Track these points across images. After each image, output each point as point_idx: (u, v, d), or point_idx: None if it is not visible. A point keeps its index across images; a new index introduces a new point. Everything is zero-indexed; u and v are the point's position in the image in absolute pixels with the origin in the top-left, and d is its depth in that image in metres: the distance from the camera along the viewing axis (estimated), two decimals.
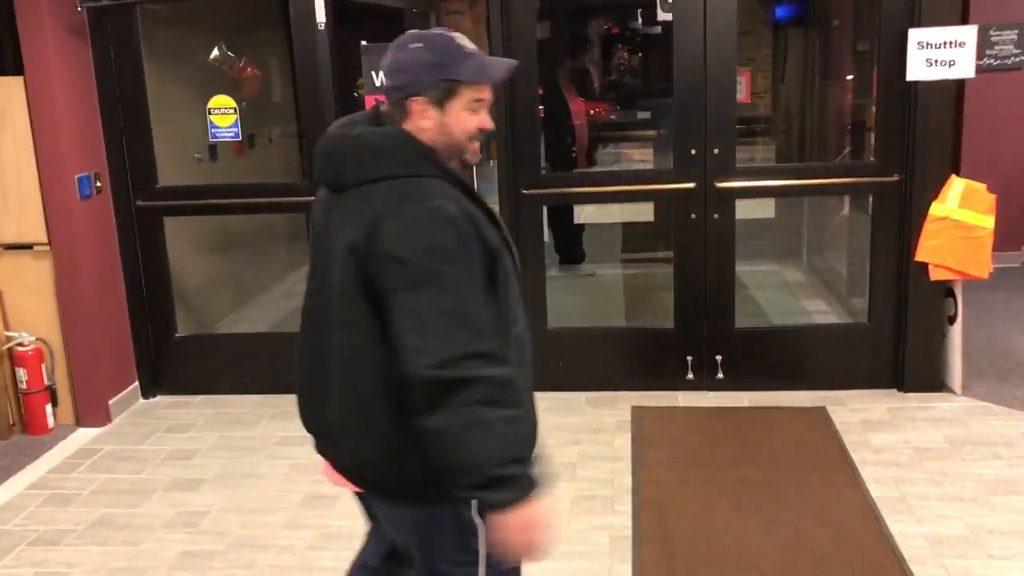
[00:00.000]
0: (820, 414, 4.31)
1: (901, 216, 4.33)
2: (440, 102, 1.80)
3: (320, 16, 4.38)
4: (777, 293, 6.37)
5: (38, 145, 4.27)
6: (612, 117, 10.49)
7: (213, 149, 5.78)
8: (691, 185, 4.38)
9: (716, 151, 4.36)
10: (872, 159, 4.38)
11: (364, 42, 4.41)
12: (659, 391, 4.60)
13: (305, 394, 1.98)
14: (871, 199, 4.43)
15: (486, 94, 1.85)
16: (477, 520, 1.83)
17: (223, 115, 4.62)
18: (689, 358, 4.60)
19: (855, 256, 5.59)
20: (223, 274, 5.89)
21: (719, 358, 4.59)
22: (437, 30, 1.89)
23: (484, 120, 1.86)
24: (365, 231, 1.69)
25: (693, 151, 4.38)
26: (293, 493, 3.75)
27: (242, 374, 4.85)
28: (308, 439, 2.06)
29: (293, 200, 4.62)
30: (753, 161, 9.56)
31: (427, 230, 1.68)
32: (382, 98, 1.97)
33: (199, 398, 4.86)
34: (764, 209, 7.86)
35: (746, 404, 4.47)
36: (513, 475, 1.66)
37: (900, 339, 4.45)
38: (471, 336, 1.66)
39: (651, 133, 9.88)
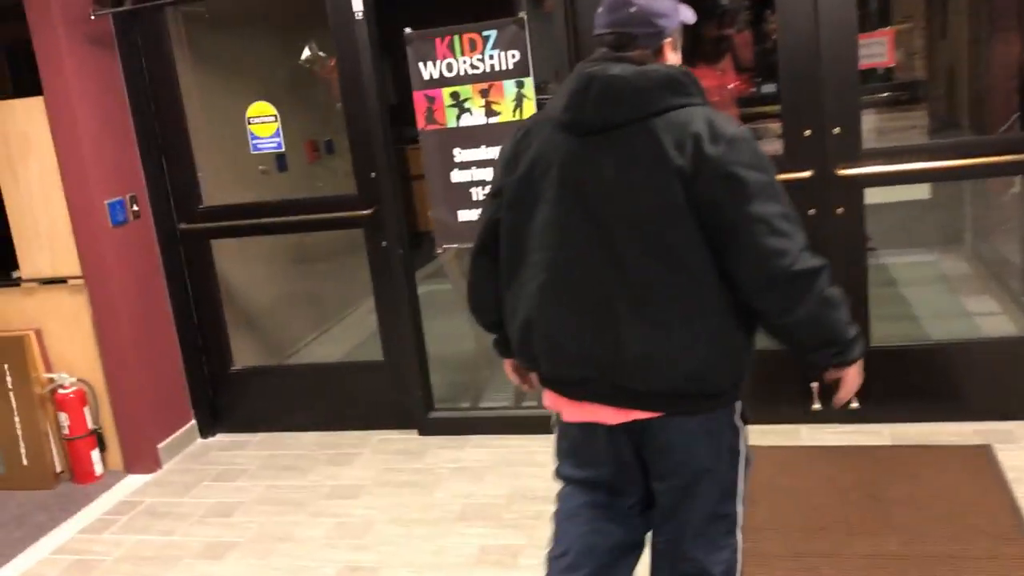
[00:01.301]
0: (984, 455, 3.40)
1: None
2: (677, 43, 2.02)
3: (357, 4, 3.81)
4: (934, 290, 5.36)
5: (63, 170, 3.91)
6: (753, 91, 9.52)
7: (282, 159, 5.34)
8: (806, 174, 3.55)
9: (836, 131, 3.51)
10: None
11: (408, 29, 3.81)
12: (777, 424, 3.79)
13: (571, 335, 1.93)
14: None
15: None
16: (739, 423, 2.07)
17: (263, 124, 4.14)
18: (814, 384, 3.77)
19: None
20: (300, 296, 5.45)
21: None
22: None
23: None
24: (691, 155, 1.80)
25: (807, 132, 3.55)
26: (327, 565, 3.20)
27: (302, 410, 4.38)
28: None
29: (349, 215, 4.08)
30: (908, 133, 8.47)
31: (751, 148, 1.84)
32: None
33: (258, 437, 4.42)
34: (917, 189, 6.81)
35: (887, 441, 3.61)
36: (858, 333, 1.95)
37: None
38: (801, 231, 1.85)
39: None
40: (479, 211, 3.86)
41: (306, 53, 5.77)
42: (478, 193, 3.89)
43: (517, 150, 2.02)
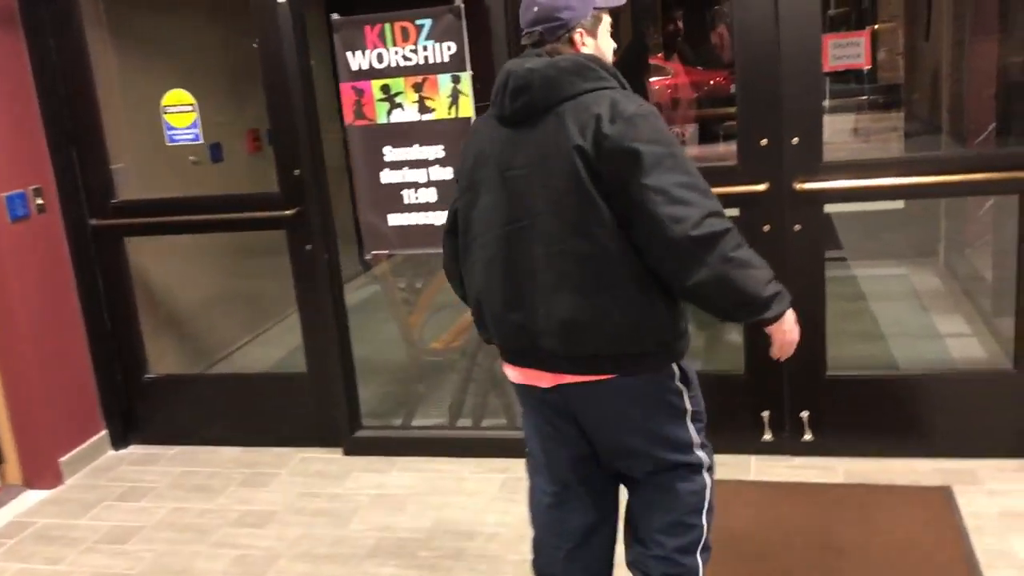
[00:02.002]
0: (942, 498, 3.13)
1: None
2: (593, 30, 2.10)
3: None
4: (903, 306, 5.10)
5: None
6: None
7: (217, 149, 5.01)
8: (761, 188, 3.26)
9: (795, 141, 3.22)
10: (1021, 147, 3.13)
11: (335, 15, 3.49)
12: (727, 454, 3.50)
13: (509, 308, 2.08)
14: (1019, 200, 3.18)
15: (610, 18, 2.18)
16: (680, 384, 2.13)
17: (180, 113, 3.81)
18: (766, 413, 3.49)
19: (1004, 258, 4.29)
20: (235, 294, 5.12)
21: (806, 414, 3.46)
22: None
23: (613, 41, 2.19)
24: (591, 136, 1.93)
25: (764, 141, 3.26)
26: None
27: (222, 424, 4.07)
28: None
29: (270, 215, 3.76)
30: (885, 136, 8.22)
31: (650, 124, 1.95)
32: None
33: (174, 450, 4.11)
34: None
35: (840, 478, 3.33)
36: (778, 290, 2.02)
37: None
38: (706, 199, 1.94)
39: None
40: (410, 216, 3.56)
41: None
42: (410, 196, 3.58)
43: (468, 142, 2.21)
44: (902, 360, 4.24)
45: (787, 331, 2.10)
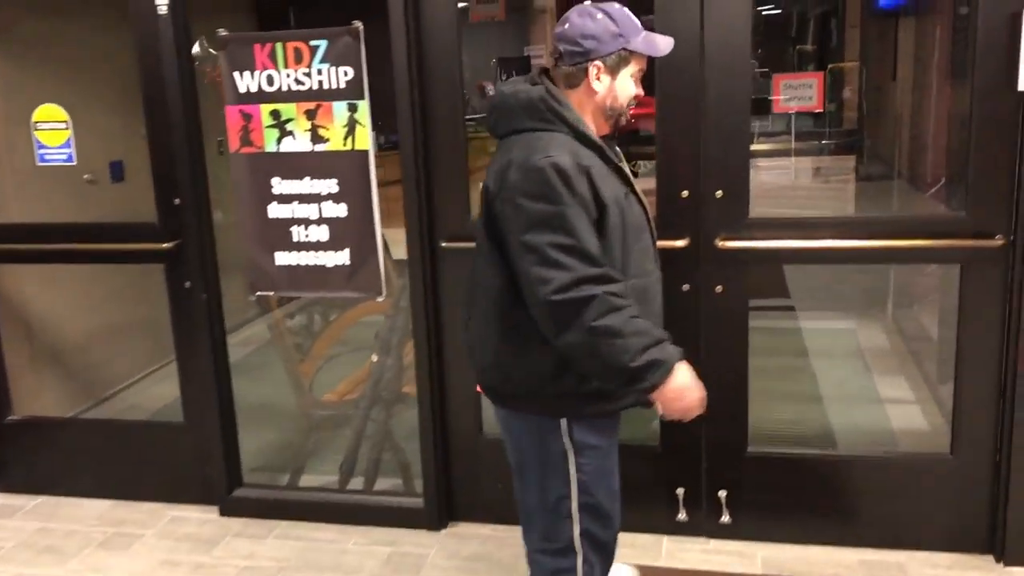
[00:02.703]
0: None
1: (1005, 300, 2.81)
2: (615, 69, 2.10)
3: None
4: (847, 365, 4.81)
5: None
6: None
7: (118, 167, 4.64)
8: (680, 244, 2.94)
9: (719, 194, 2.92)
10: (964, 212, 2.84)
11: (222, 30, 3.15)
12: (638, 533, 3.18)
13: (464, 324, 2.28)
14: (960, 271, 2.89)
15: (643, 65, 2.16)
16: (567, 443, 2.15)
17: (52, 131, 3.44)
18: (681, 491, 3.16)
19: (950, 318, 4.02)
20: (129, 326, 4.72)
21: (723, 494, 3.13)
22: (614, 4, 2.13)
23: (639, 88, 2.16)
24: (498, 177, 2.04)
25: (685, 193, 2.95)
26: None
27: (92, 474, 3.67)
28: None
29: (147, 248, 3.39)
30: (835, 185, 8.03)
31: (543, 179, 1.96)
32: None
33: (37, 500, 3.70)
34: None
35: (757, 569, 3.01)
36: (651, 360, 1.96)
37: (999, 483, 2.93)
38: (584, 264, 1.94)
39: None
40: (300, 255, 3.22)
41: (196, 48, 5.04)
42: (300, 233, 3.23)
43: None
44: (838, 428, 3.93)
45: (673, 399, 2.04)
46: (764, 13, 10.34)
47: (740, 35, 2.83)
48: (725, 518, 3.13)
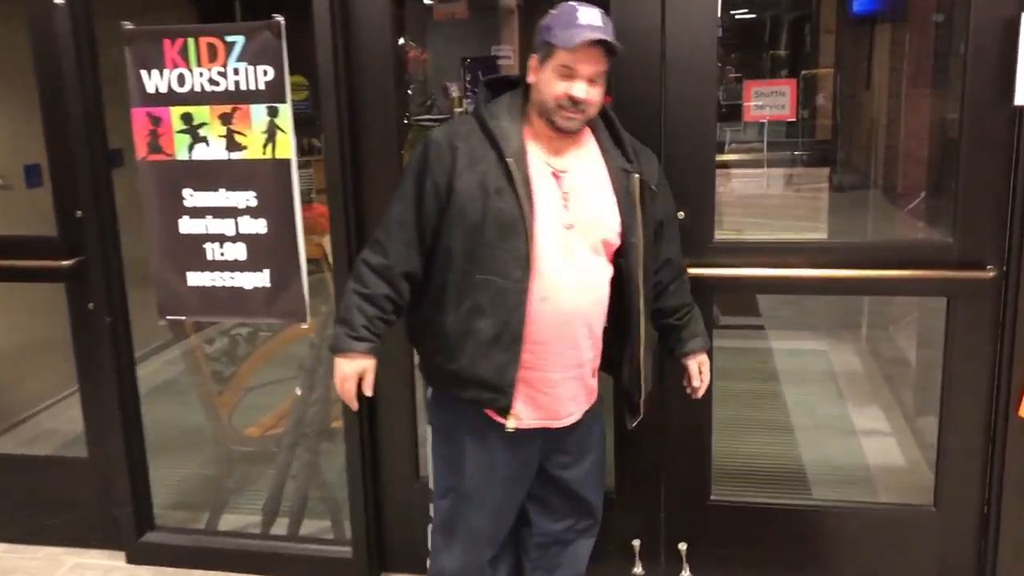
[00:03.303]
0: None
1: (996, 338, 2.52)
2: (543, 62, 2.04)
3: None
4: (819, 391, 4.52)
5: None
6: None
7: (34, 171, 4.26)
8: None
9: (679, 215, 2.60)
10: (950, 238, 2.54)
11: (128, 24, 2.79)
12: None
13: None
14: (947, 305, 2.59)
15: (579, 65, 1.99)
16: (430, 401, 2.29)
17: None
18: (636, 542, 2.85)
19: (930, 341, 3.74)
20: (51, 345, 4.33)
21: (683, 546, 2.82)
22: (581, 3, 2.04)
23: (573, 88, 2.00)
24: None
25: None
26: None
27: None
28: None
29: (45, 265, 3.03)
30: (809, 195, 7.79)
31: (413, 153, 2.12)
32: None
33: None
34: None
35: None
36: (337, 333, 2.14)
37: (986, 538, 2.64)
38: (379, 232, 2.15)
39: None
40: (214, 275, 2.87)
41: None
42: (214, 251, 2.88)
43: None
44: (810, 465, 3.64)
45: (341, 370, 2.16)
46: (737, 17, 10.08)
47: (706, 34, 2.52)
48: (686, 573, 2.82)
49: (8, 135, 4.11)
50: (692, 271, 2.58)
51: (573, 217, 2.07)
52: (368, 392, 2.16)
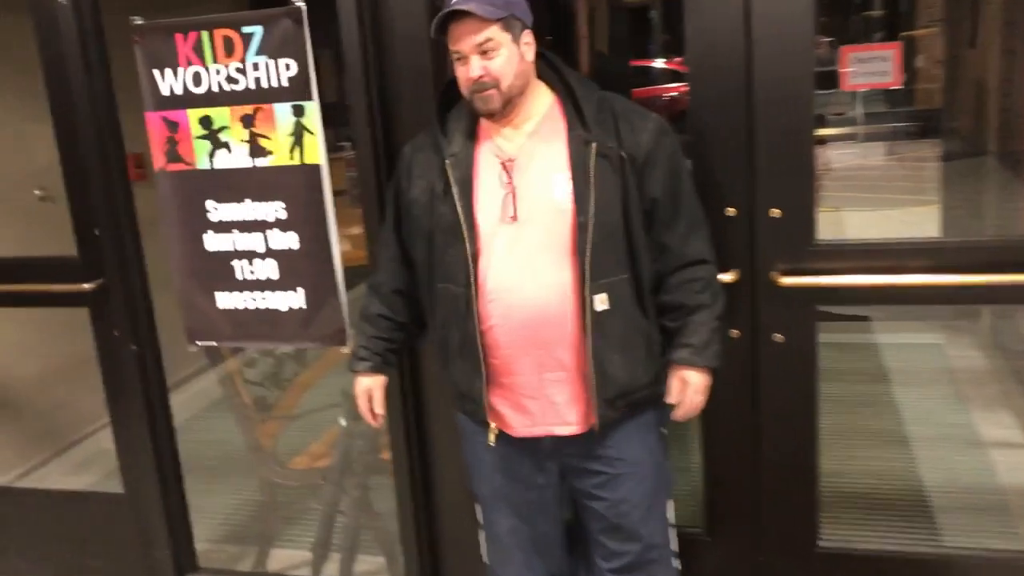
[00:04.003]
0: None
1: None
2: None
3: None
4: (934, 394, 4.00)
5: None
6: None
7: None
8: (727, 277, 2.19)
9: (775, 214, 2.18)
10: None
11: (137, 19, 2.49)
12: None
13: None
14: None
15: (459, 44, 1.85)
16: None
17: None
18: None
19: None
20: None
21: None
22: None
23: (466, 72, 1.87)
24: None
25: (731, 211, 2.21)
26: None
27: (18, 551, 3.09)
28: None
29: (65, 289, 2.77)
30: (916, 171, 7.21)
31: None
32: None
33: None
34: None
35: None
36: (357, 348, 2.16)
37: None
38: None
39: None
40: (244, 296, 2.57)
41: None
42: (244, 269, 2.57)
43: None
44: (932, 486, 3.16)
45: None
46: None
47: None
48: None
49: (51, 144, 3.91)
50: (793, 281, 2.17)
51: (522, 208, 1.89)
52: (379, 410, 2.16)
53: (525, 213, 1.88)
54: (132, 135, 2.72)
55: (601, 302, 1.86)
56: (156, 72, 2.51)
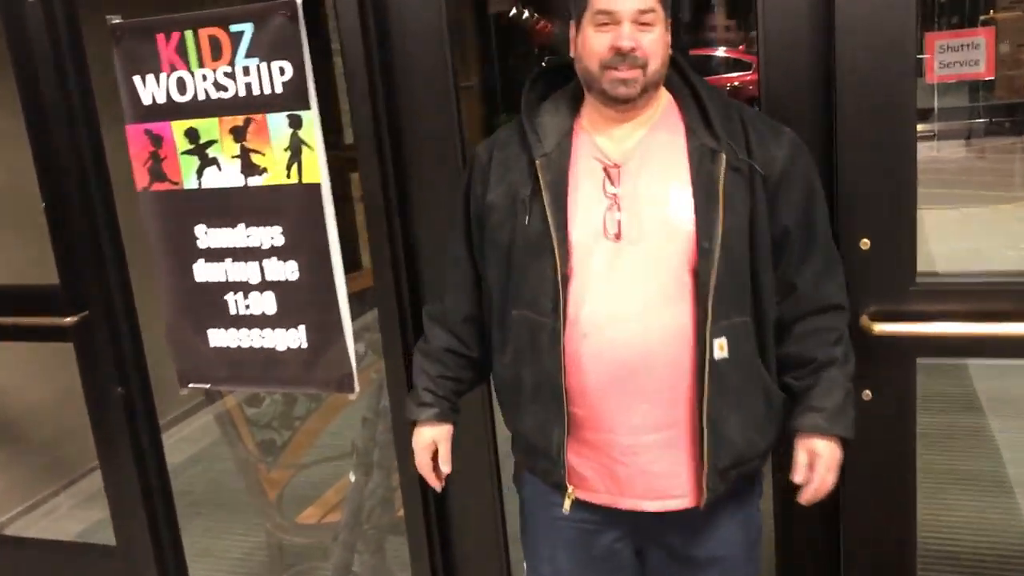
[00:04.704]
0: None
1: None
2: (578, 22, 1.57)
3: None
4: None
5: None
6: None
7: None
8: None
9: (864, 244, 1.76)
10: None
11: (114, 18, 2.17)
12: None
13: None
14: None
15: (615, 3, 1.49)
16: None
17: None
18: None
19: None
20: None
21: None
22: None
23: (614, 36, 1.50)
24: None
25: None
26: None
27: None
28: None
29: (44, 323, 2.48)
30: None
31: None
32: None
33: None
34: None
35: None
36: (406, 400, 1.81)
37: None
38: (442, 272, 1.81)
39: None
40: (240, 334, 2.25)
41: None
42: (238, 304, 2.24)
43: None
44: None
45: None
46: None
47: None
48: None
49: None
50: (887, 328, 1.75)
51: (629, 224, 1.53)
52: (444, 467, 1.77)
53: (633, 231, 1.54)
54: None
55: (720, 348, 1.51)
56: (137, 79, 2.18)
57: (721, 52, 12.78)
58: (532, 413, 1.62)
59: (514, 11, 6.95)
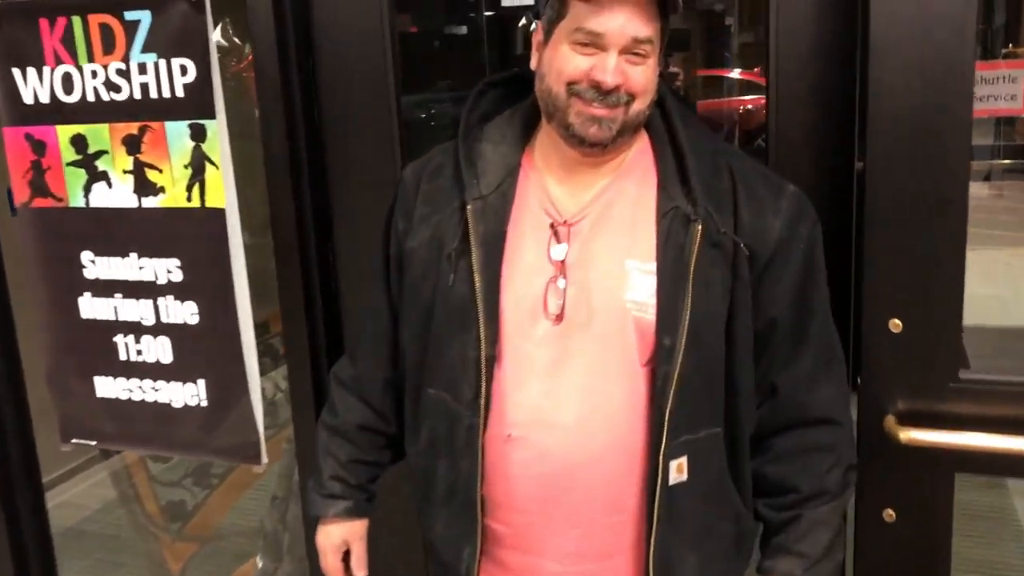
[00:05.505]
0: None
1: None
2: (549, 29, 1.20)
3: None
4: None
5: None
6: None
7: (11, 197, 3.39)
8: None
9: (895, 325, 1.37)
10: None
11: None
12: None
13: None
14: None
15: (607, 21, 1.13)
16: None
17: None
18: None
19: None
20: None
21: None
22: None
23: (596, 66, 1.14)
24: None
25: None
26: None
27: None
28: None
29: None
30: None
31: None
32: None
33: None
34: None
35: None
36: (308, 488, 1.45)
37: None
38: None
39: None
40: (131, 384, 1.87)
41: (218, 36, 3.91)
42: (129, 347, 1.86)
43: None
44: None
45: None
46: None
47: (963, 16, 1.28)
48: None
49: None
50: (915, 435, 1.35)
51: (573, 302, 1.20)
52: (359, 573, 1.43)
53: (580, 313, 1.21)
54: None
55: (678, 470, 1.19)
56: (16, 72, 1.81)
57: (735, 74, 12.42)
58: (443, 520, 1.31)
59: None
